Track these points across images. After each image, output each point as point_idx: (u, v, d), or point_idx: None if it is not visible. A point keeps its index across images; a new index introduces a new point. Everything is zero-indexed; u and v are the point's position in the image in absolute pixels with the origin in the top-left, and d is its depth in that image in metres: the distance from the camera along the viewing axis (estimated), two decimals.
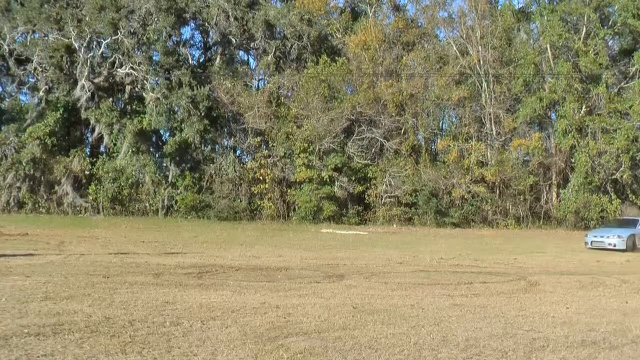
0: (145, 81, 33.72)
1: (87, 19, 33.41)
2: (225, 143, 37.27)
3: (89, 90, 33.63)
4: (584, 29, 35.87)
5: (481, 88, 37.17)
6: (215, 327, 6.73)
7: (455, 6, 68.97)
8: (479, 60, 36.92)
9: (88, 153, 36.13)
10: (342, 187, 33.94)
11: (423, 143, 37.91)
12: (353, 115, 34.87)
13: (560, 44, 35.81)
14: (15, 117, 34.46)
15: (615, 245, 22.03)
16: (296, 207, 34.52)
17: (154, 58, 34.79)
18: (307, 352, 5.77)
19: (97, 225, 26.98)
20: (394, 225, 33.74)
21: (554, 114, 38.04)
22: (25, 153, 32.37)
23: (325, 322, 7.23)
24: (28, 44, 33.81)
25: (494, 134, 36.95)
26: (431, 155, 37.81)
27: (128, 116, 34.37)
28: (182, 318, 7.10)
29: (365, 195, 34.92)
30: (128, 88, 34.70)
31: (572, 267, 16.00)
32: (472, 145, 36.24)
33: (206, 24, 36.43)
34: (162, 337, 6.13)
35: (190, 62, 35.86)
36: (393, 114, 35.51)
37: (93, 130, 35.39)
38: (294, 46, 36.16)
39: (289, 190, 34.73)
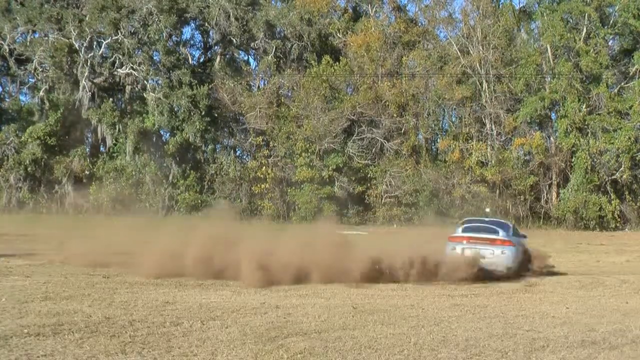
0: (145, 81, 33.72)
1: (87, 19, 33.43)
2: (226, 143, 37.29)
3: (89, 91, 33.64)
4: (585, 29, 35.82)
5: (482, 88, 37.11)
6: (215, 327, 6.73)
7: (456, 5, 68.91)
8: (480, 60, 36.84)
9: (88, 153, 36.14)
10: (343, 187, 33.93)
11: (424, 143, 37.85)
12: (353, 116, 34.85)
13: (561, 43, 35.75)
14: (15, 117, 34.47)
15: None
16: (296, 207, 34.52)
17: (154, 58, 34.79)
18: (307, 352, 5.77)
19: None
20: (394, 226, 33.72)
21: (554, 114, 38.00)
22: (26, 153, 32.38)
23: (325, 322, 7.23)
24: (28, 44, 33.82)
25: (495, 134, 36.90)
26: (432, 155, 37.76)
27: (129, 116, 34.38)
28: (182, 318, 7.10)
29: (366, 196, 34.89)
30: (129, 88, 34.71)
31: (572, 267, 15.99)
32: (472, 145, 36.20)
33: (207, 24, 36.41)
34: (162, 337, 6.13)
35: (191, 62, 35.87)
36: (394, 114, 35.47)
37: (94, 130, 35.39)
38: (294, 46, 36.15)
39: (289, 190, 34.72)
